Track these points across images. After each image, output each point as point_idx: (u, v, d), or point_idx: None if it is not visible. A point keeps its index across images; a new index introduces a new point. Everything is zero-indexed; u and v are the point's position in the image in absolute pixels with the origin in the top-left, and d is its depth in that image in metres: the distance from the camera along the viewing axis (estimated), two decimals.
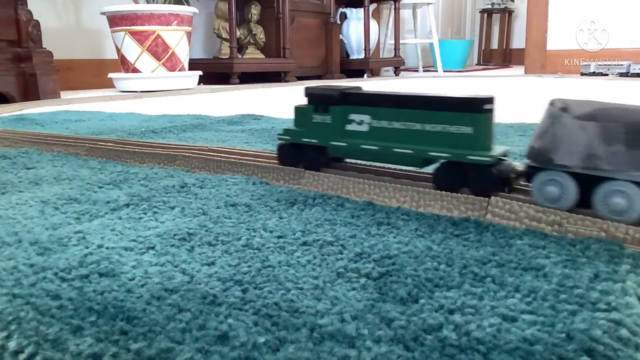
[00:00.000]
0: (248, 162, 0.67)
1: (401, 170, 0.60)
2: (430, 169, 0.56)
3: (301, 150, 0.63)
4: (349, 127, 0.59)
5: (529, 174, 0.49)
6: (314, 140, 0.61)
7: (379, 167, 0.62)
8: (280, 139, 0.64)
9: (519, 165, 0.53)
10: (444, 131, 0.53)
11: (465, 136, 0.52)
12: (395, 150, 0.55)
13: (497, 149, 0.52)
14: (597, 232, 0.43)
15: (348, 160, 0.65)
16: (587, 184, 0.46)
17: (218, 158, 0.70)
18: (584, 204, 0.47)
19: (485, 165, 0.51)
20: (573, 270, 0.36)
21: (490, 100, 0.51)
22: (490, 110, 0.52)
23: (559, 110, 0.47)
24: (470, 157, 0.51)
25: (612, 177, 0.45)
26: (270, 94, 2.28)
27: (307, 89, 0.63)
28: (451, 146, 0.52)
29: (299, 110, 0.63)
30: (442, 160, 0.54)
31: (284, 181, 0.63)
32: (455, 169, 0.53)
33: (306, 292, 0.34)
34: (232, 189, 0.60)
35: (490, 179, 0.51)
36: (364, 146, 0.57)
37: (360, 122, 0.58)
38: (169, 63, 2.58)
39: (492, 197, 0.49)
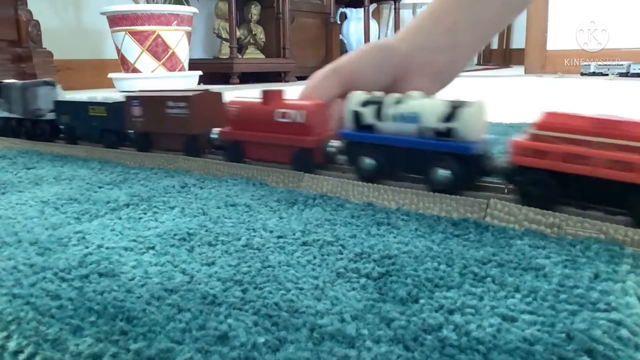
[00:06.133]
0: (247, 164, 0.68)
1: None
2: None
3: None
4: None
5: None
6: None
7: None
8: None
9: None
10: None
11: None
12: None
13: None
14: (596, 234, 0.43)
15: None
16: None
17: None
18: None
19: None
20: (573, 271, 0.36)
21: None
22: None
23: None
24: None
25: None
26: None
27: None
28: None
29: None
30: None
31: (283, 184, 0.63)
32: None
33: (306, 292, 0.34)
34: (232, 189, 0.60)
35: None
36: None
37: None
38: (169, 63, 2.58)
39: (492, 200, 0.49)
